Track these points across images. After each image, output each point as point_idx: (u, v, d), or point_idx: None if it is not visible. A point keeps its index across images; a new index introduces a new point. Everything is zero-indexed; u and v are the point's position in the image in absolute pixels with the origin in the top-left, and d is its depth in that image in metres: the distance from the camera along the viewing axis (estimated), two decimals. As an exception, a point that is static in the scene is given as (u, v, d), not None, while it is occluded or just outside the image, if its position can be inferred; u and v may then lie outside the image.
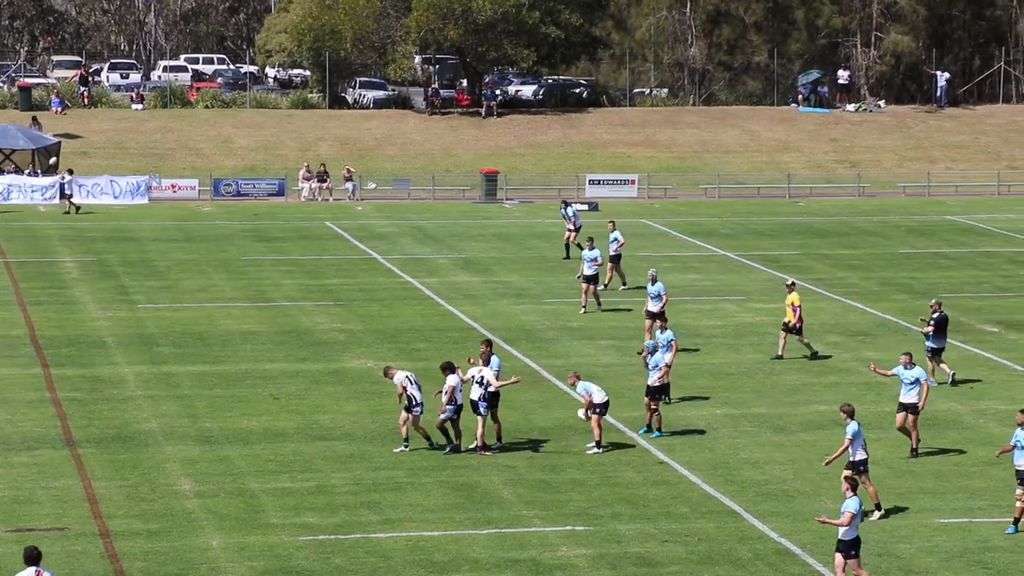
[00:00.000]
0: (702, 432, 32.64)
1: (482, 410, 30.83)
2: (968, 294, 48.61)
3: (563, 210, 54.06)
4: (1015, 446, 26.81)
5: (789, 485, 29.13)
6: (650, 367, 32.29)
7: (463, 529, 26.61)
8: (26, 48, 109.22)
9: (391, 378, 31.03)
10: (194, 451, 30.90)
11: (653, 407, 32.12)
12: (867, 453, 27.57)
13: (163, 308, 45.04)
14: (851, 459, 27.33)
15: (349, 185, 69.02)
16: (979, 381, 37.40)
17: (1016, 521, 26.72)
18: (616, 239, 48.08)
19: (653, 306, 39.75)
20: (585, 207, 66.30)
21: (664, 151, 79.04)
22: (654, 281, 39.89)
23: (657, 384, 32.15)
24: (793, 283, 39.82)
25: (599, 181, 71.56)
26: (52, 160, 68.19)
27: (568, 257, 52.74)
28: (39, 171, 67.92)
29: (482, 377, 30.85)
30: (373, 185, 71.68)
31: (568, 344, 40.62)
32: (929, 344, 37.11)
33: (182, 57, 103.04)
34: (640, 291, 47.95)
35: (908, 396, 30.56)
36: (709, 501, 28.25)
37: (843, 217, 65.39)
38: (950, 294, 48.46)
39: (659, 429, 32.19)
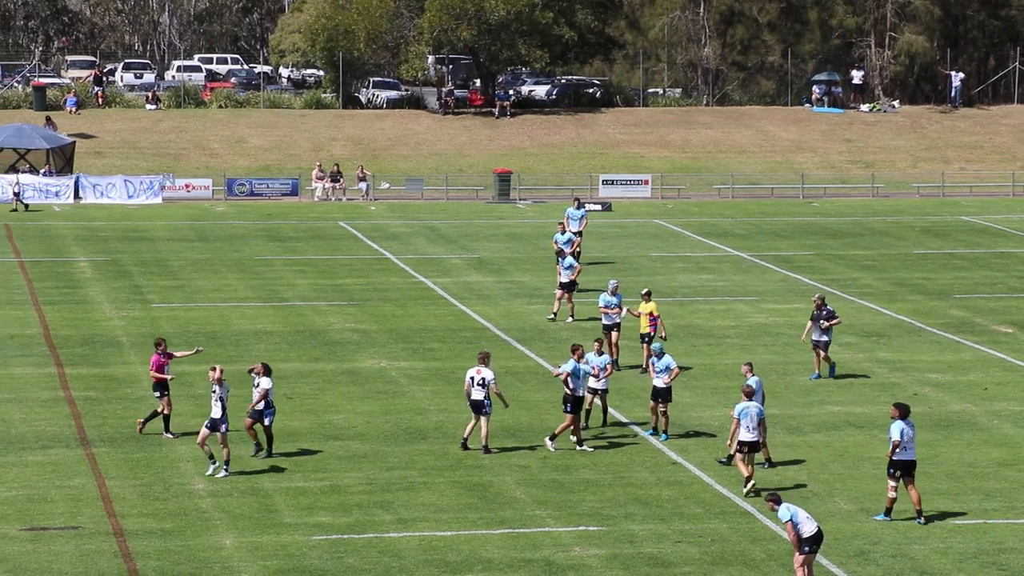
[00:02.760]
0: (715, 434, 32.58)
1: (486, 409, 30.73)
2: (982, 295, 48.53)
3: (573, 210, 51.39)
4: (901, 438, 27.07)
5: (802, 486, 29.08)
6: (657, 370, 31.94)
7: (476, 529, 26.61)
8: (41, 48, 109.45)
9: (259, 375, 30.11)
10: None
11: (661, 409, 32.00)
12: (757, 436, 28.45)
13: (177, 308, 45.10)
14: (739, 438, 28.37)
15: (362, 185, 69.07)
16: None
17: (888, 511, 27.25)
18: (571, 240, 47.28)
19: (608, 318, 37.63)
20: (598, 207, 66.32)
21: (677, 151, 79.01)
22: (614, 292, 37.92)
23: (664, 387, 31.90)
24: (649, 292, 38.04)
25: (612, 181, 71.54)
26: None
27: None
28: (54, 171, 68.07)
29: (483, 379, 30.72)
30: (386, 185, 71.72)
31: (581, 344, 40.50)
32: (824, 338, 36.96)
33: (196, 57, 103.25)
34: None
35: (593, 382, 31.01)
36: (722, 501, 28.23)
37: (857, 217, 65.31)
38: (964, 295, 48.40)
39: (665, 432, 32.07)
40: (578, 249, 50.64)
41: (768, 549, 25.84)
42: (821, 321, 36.94)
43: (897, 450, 26.95)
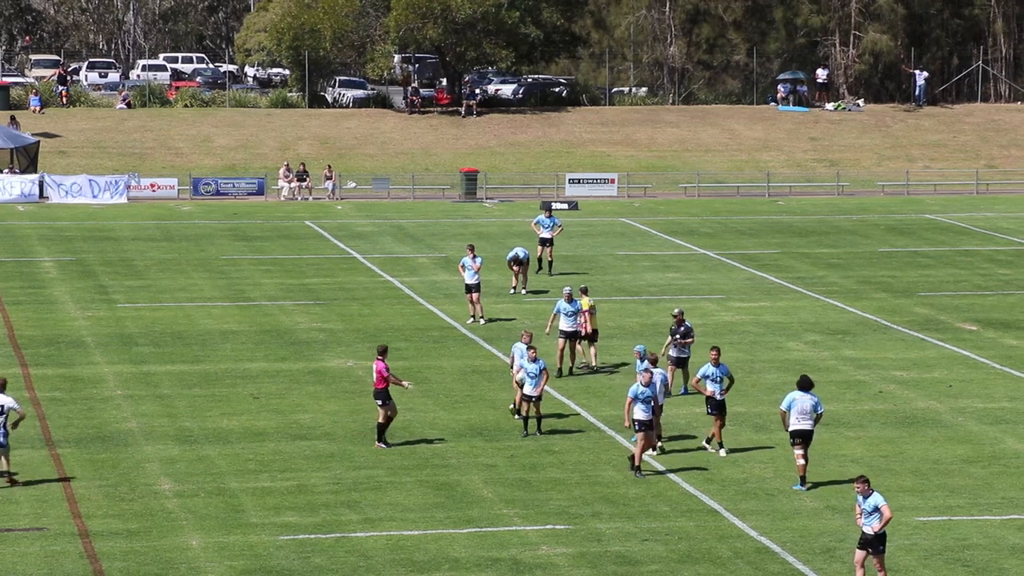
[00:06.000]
0: (681, 433, 32.62)
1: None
2: (947, 292, 48.75)
3: (540, 218, 50.04)
4: (789, 409, 28.62)
5: (769, 484, 29.19)
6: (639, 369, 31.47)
7: (443, 528, 26.61)
8: (4, 47, 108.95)
9: None
10: (174, 451, 30.85)
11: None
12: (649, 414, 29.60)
13: (142, 307, 44.95)
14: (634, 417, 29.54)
15: (329, 184, 68.98)
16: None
17: (802, 480, 28.63)
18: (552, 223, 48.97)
19: (568, 325, 36.92)
20: (565, 206, 66.38)
21: (644, 150, 79.12)
22: (570, 300, 37.00)
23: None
24: (585, 288, 38.01)
25: (579, 180, 71.59)
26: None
27: (541, 270, 49.74)
28: (18, 170, 67.75)
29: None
30: (353, 184, 71.64)
31: (548, 342, 40.55)
32: (683, 355, 35.31)
33: (161, 56, 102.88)
34: (618, 300, 48.07)
35: (528, 389, 31.60)
36: (689, 500, 28.28)
37: (822, 216, 65.53)
38: (929, 292, 48.62)
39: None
40: (551, 258, 50.40)
41: (735, 547, 25.91)
42: (677, 337, 35.24)
43: (787, 420, 28.55)
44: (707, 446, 31.03)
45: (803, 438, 28.62)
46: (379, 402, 31.13)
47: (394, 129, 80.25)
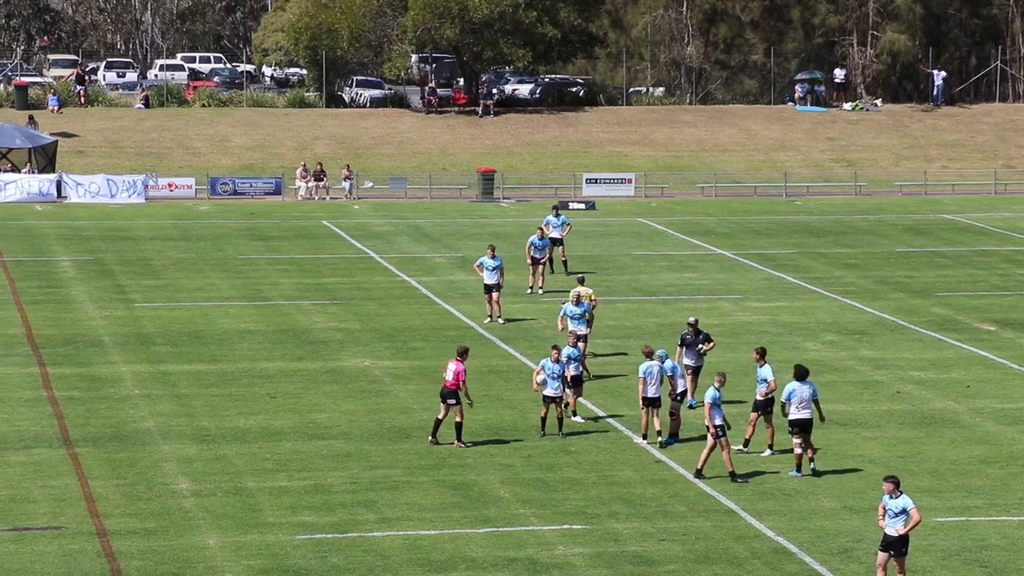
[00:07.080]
0: (702, 434, 32.61)
1: None
2: (965, 293, 48.65)
3: (552, 218, 49.82)
4: (789, 400, 29.28)
5: (786, 484, 29.16)
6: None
7: (460, 528, 26.62)
8: (22, 47, 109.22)
9: None
10: (191, 450, 30.91)
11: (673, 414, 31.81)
12: (659, 393, 30.73)
13: (160, 307, 45.04)
14: (643, 395, 30.72)
15: (346, 184, 69.04)
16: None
17: (798, 467, 29.46)
18: (546, 246, 46.63)
19: (577, 327, 36.61)
20: (582, 206, 66.36)
21: (661, 150, 79.07)
22: (577, 302, 36.96)
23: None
24: (583, 278, 38.60)
25: (596, 180, 71.57)
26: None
27: (553, 272, 49.34)
28: (36, 170, 67.92)
29: None
30: (370, 184, 71.71)
31: (565, 342, 40.51)
32: (699, 363, 34.67)
33: (179, 56, 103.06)
34: (624, 301, 48.08)
35: (550, 390, 31.78)
36: (706, 500, 28.26)
37: (840, 216, 65.44)
38: (947, 292, 48.52)
39: (670, 436, 31.77)
40: (564, 257, 50.41)
41: (752, 547, 25.88)
42: (699, 346, 34.55)
43: (787, 410, 29.24)
44: (768, 451, 31.01)
45: (802, 427, 29.33)
46: (452, 401, 30.95)
47: (411, 129, 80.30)
